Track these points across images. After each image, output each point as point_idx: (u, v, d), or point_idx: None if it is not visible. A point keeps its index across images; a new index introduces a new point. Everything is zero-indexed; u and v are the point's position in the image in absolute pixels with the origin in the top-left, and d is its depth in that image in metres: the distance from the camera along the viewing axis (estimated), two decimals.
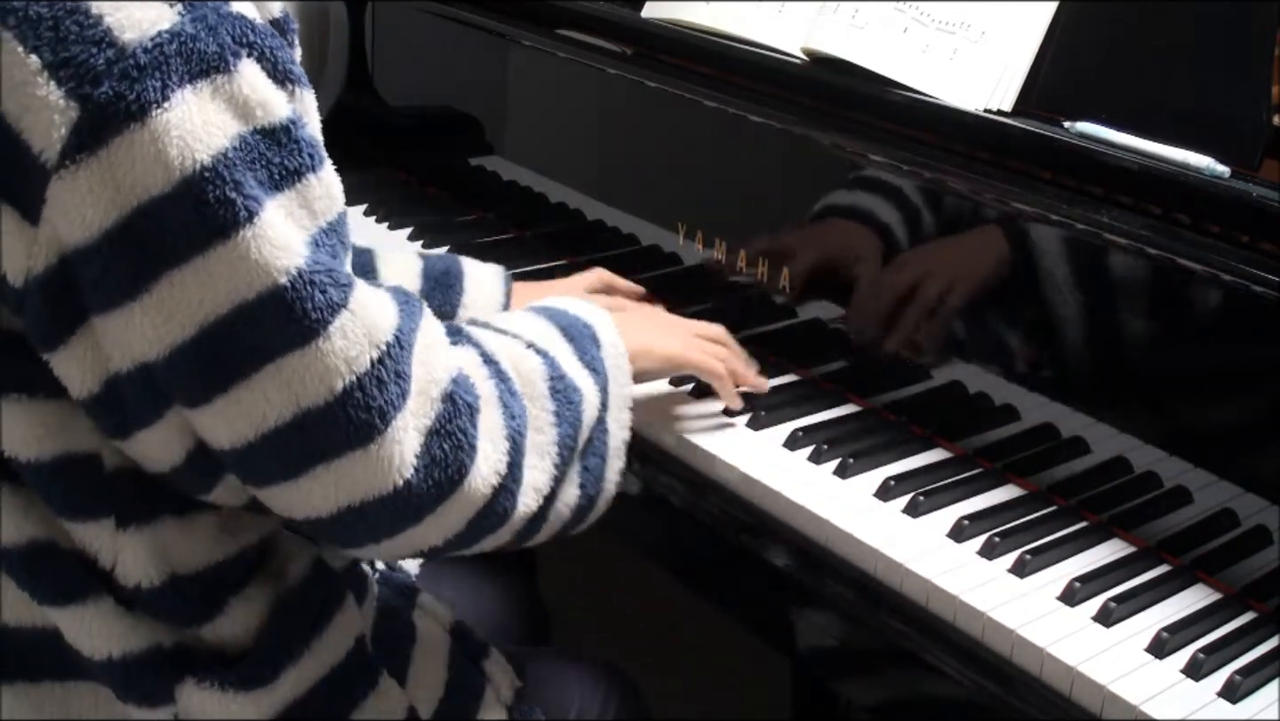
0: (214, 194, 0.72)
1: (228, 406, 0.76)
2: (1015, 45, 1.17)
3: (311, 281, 0.75)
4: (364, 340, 0.77)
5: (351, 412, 0.77)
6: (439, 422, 0.82)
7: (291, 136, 0.76)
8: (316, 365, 0.76)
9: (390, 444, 0.79)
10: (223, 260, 0.73)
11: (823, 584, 1.07)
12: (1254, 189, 1.00)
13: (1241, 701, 0.90)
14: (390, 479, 0.80)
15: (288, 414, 0.76)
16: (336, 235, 0.80)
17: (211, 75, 0.72)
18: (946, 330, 1.21)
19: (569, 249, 1.57)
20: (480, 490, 0.85)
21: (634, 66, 1.44)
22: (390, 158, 1.86)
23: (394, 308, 0.82)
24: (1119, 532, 1.07)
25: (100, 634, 0.83)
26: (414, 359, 0.81)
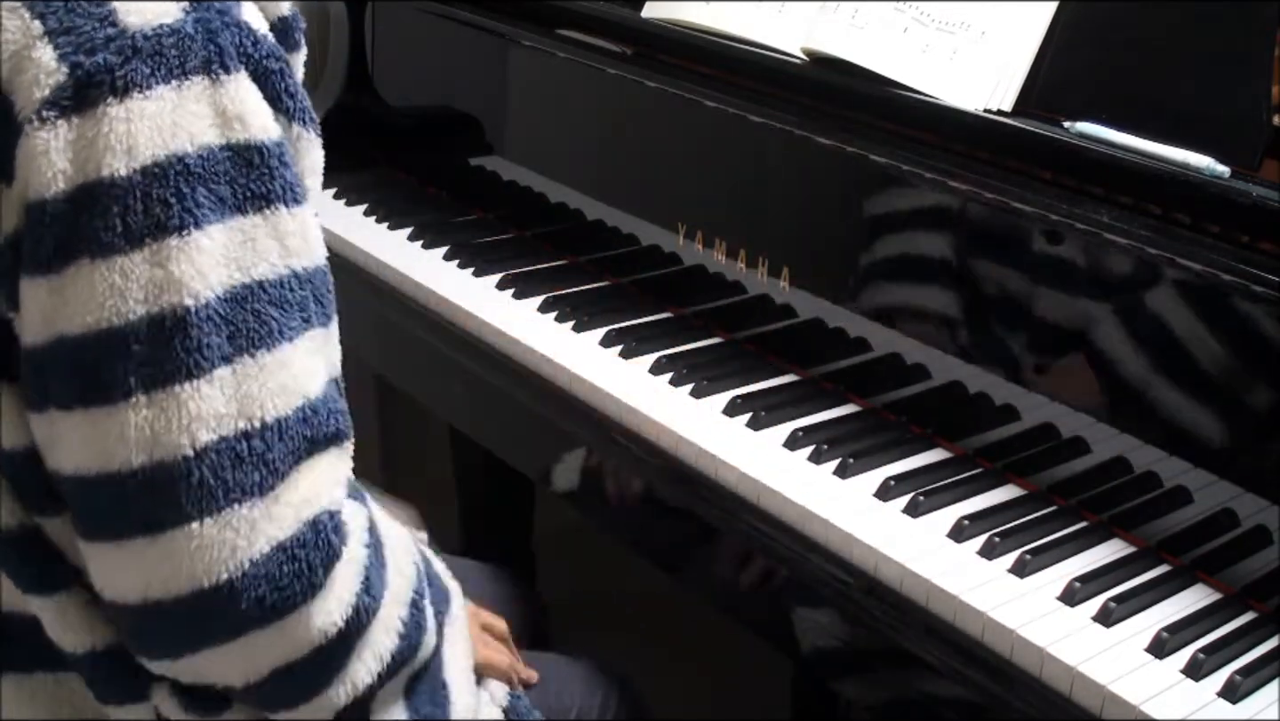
0: (159, 193, 0.71)
1: (83, 425, 0.73)
2: (1015, 45, 1.17)
3: (212, 319, 0.72)
4: (234, 404, 0.73)
5: (205, 473, 0.72)
6: (292, 542, 0.76)
7: (265, 160, 0.74)
8: (187, 407, 0.72)
9: (229, 527, 0.73)
10: (144, 263, 0.71)
11: (823, 584, 1.07)
12: (1254, 189, 1.00)
13: (1241, 701, 0.90)
14: (215, 570, 0.74)
15: (137, 460, 0.72)
16: (312, 287, 0.77)
17: (199, 77, 0.72)
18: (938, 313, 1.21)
19: (569, 249, 1.57)
20: (299, 637, 0.78)
21: (634, 66, 1.44)
22: (390, 158, 1.86)
23: (291, 400, 0.76)
24: (1119, 532, 1.07)
25: (80, 625, 0.82)
26: (296, 466, 0.76)
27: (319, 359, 0.78)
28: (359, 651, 0.82)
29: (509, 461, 1.54)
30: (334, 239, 1.63)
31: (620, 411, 1.25)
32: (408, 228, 1.64)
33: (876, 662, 1.07)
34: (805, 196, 1.32)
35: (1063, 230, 1.09)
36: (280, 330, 0.75)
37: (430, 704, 0.92)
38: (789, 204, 1.34)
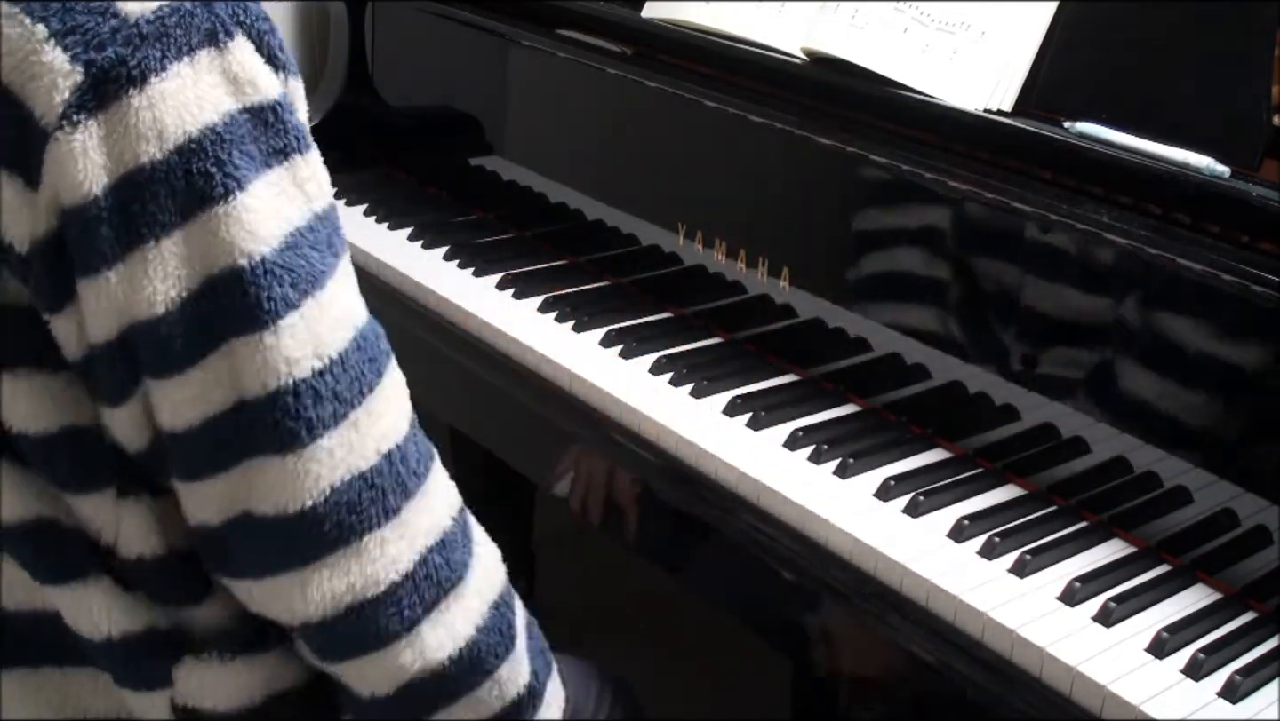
0: (198, 166, 0.73)
1: (180, 387, 0.76)
2: (1015, 45, 1.17)
3: (271, 272, 0.75)
4: (307, 345, 0.77)
5: (279, 416, 0.77)
6: (370, 474, 0.80)
7: (279, 116, 0.77)
8: (257, 357, 0.76)
9: (309, 461, 0.78)
10: (198, 234, 0.74)
11: (823, 584, 1.07)
12: (1254, 189, 1.00)
13: (1241, 701, 0.90)
14: (300, 496, 0.78)
15: (229, 401, 0.76)
16: (329, 225, 0.80)
17: (207, 49, 0.74)
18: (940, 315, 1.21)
19: (569, 249, 1.57)
20: (372, 565, 0.81)
21: (634, 66, 1.44)
22: (390, 158, 1.86)
23: (349, 331, 0.80)
24: (1119, 532, 1.07)
25: (100, 613, 0.83)
26: (369, 392, 0.80)
27: (349, 286, 0.82)
28: (432, 616, 0.84)
29: (509, 461, 1.54)
30: None
31: (620, 411, 1.25)
32: (408, 228, 1.64)
33: (876, 663, 1.07)
34: (805, 196, 1.32)
35: (1063, 230, 1.09)
36: (323, 269, 0.78)
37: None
38: (789, 204, 1.35)
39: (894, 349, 1.25)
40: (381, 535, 0.81)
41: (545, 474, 1.36)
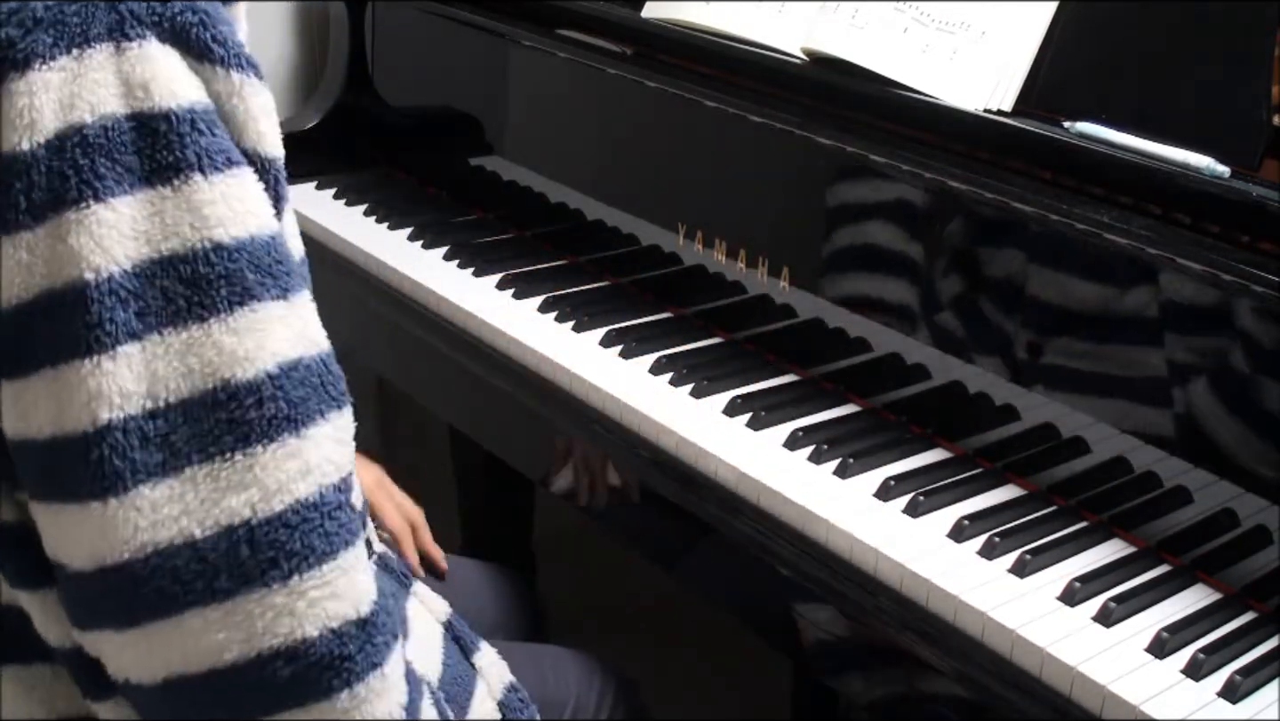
0: (57, 166, 0.69)
1: (10, 394, 0.72)
2: (1015, 45, 1.17)
3: (115, 292, 0.69)
4: (141, 383, 0.70)
5: (105, 453, 0.70)
6: (206, 544, 0.71)
7: (174, 128, 0.70)
8: (89, 383, 0.69)
9: (129, 509, 0.70)
10: (45, 237, 0.69)
11: (823, 584, 1.07)
12: (1254, 189, 1.00)
13: (1241, 701, 0.90)
14: (117, 549, 0.71)
15: (47, 430, 0.71)
16: (247, 258, 0.72)
17: (101, 44, 0.69)
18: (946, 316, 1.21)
19: (569, 249, 1.57)
20: (200, 637, 0.72)
21: (634, 66, 1.44)
22: (390, 158, 1.86)
23: (206, 385, 0.71)
24: (1119, 532, 1.07)
25: (61, 620, 0.81)
26: (214, 455, 0.71)
27: (263, 336, 0.72)
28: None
29: (509, 461, 1.54)
30: (334, 239, 1.63)
31: (620, 411, 1.25)
32: (408, 228, 1.64)
33: (876, 662, 1.07)
34: (805, 196, 1.32)
35: (1063, 230, 1.09)
36: (190, 308, 0.71)
37: None
38: (789, 204, 1.35)
39: (894, 349, 1.25)
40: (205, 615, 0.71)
41: (545, 473, 1.36)
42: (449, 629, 1.07)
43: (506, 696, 1.05)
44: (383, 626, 0.75)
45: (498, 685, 1.05)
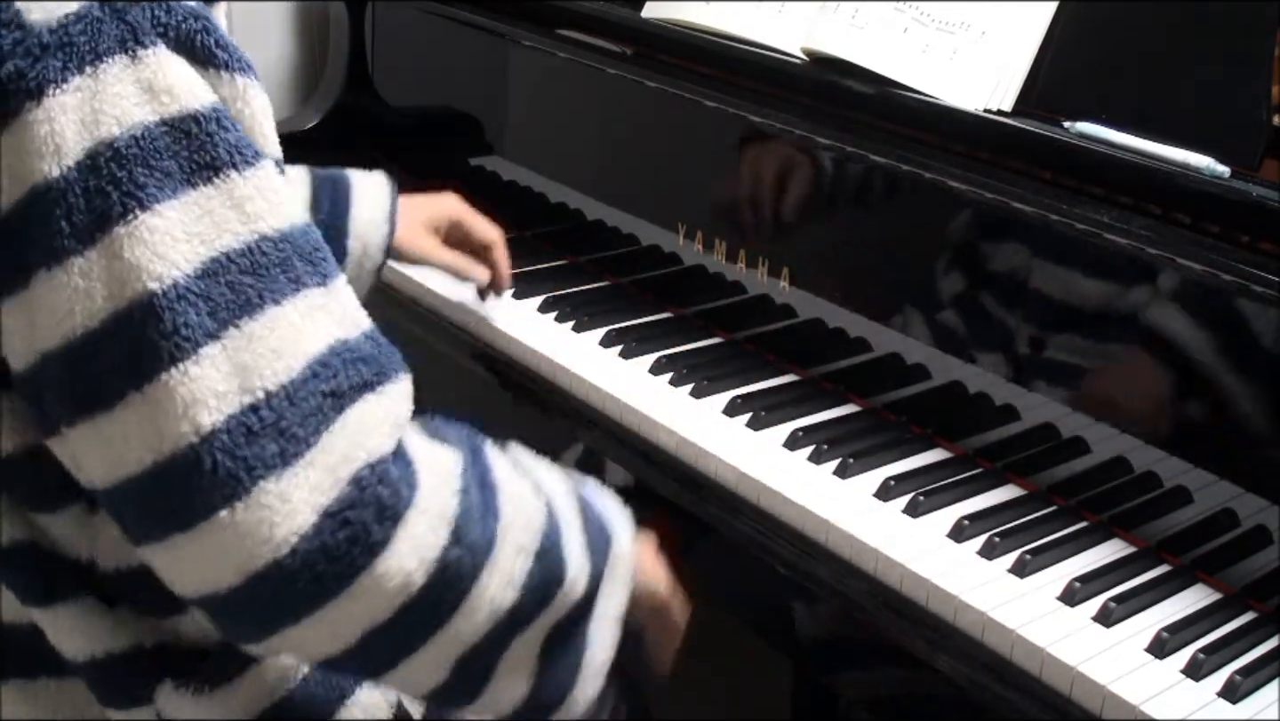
0: (95, 184, 0.68)
1: (91, 436, 0.71)
2: (1015, 45, 1.17)
3: (185, 297, 0.69)
4: (234, 379, 0.70)
5: (217, 456, 0.69)
6: (338, 505, 0.71)
7: (203, 129, 0.71)
8: (182, 391, 0.69)
9: (260, 507, 0.70)
10: (99, 258, 0.69)
11: (823, 584, 1.07)
12: (1254, 189, 1.00)
13: (1241, 701, 0.90)
14: (260, 553, 0.70)
15: (148, 458, 0.70)
16: (291, 247, 0.73)
17: (114, 58, 0.69)
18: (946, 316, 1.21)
19: (569, 249, 1.57)
20: (376, 600, 0.74)
21: (634, 66, 1.44)
22: (390, 158, 1.86)
23: (298, 360, 0.72)
24: (1119, 532, 1.07)
25: (82, 634, 0.82)
26: (324, 428, 0.72)
27: (320, 316, 0.74)
28: (463, 605, 0.78)
29: None
30: None
31: (620, 411, 1.25)
32: None
33: (876, 662, 1.07)
34: (805, 196, 1.32)
35: (1063, 230, 1.09)
36: (261, 296, 0.71)
37: (562, 657, 0.87)
38: (789, 204, 1.34)
39: (894, 349, 1.25)
40: (371, 572, 0.73)
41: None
42: None
43: None
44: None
45: None
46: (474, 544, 0.78)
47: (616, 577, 0.92)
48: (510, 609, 0.81)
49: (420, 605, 0.76)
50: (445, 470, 0.78)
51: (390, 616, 0.75)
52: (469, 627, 0.79)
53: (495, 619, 0.80)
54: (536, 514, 0.84)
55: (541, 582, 0.83)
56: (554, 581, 0.84)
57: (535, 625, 0.84)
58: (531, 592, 0.82)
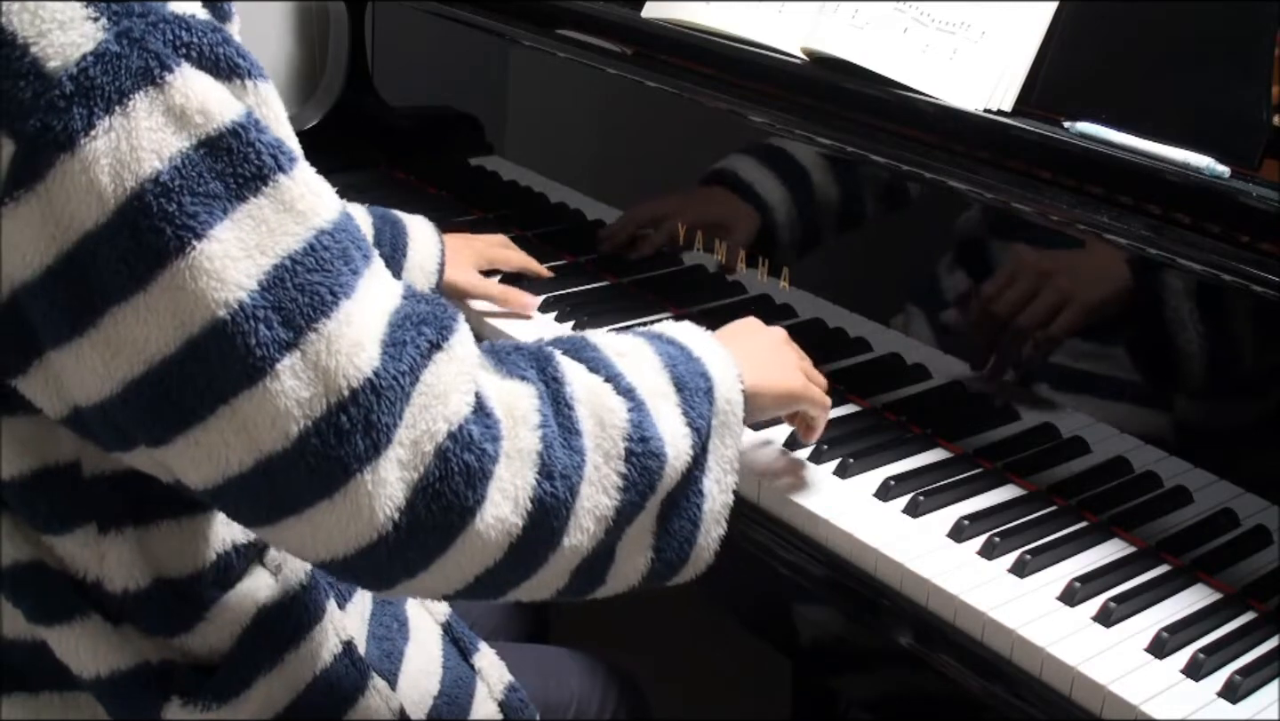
0: (145, 224, 0.68)
1: (189, 448, 0.72)
2: (1015, 45, 1.17)
3: (254, 315, 0.70)
4: (318, 383, 0.71)
5: (311, 460, 0.72)
6: (426, 480, 0.75)
7: (243, 140, 0.71)
8: (267, 407, 0.70)
9: (359, 495, 0.73)
10: (162, 293, 0.69)
11: (823, 584, 1.07)
12: (1254, 189, 1.00)
13: (1241, 701, 0.90)
14: (367, 531, 0.74)
15: (249, 459, 0.72)
16: (341, 238, 0.74)
17: (141, 92, 0.68)
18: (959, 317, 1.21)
19: (569, 249, 1.57)
20: (482, 549, 0.78)
21: (634, 66, 1.44)
22: (390, 158, 1.86)
23: (373, 347, 0.73)
24: (1119, 532, 1.07)
25: (88, 652, 0.82)
26: (406, 404, 0.74)
27: (376, 293, 0.76)
28: (568, 526, 0.82)
29: None
30: None
31: None
32: None
33: (876, 662, 1.07)
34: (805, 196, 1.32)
35: (1063, 230, 1.09)
36: (333, 291, 0.72)
37: (678, 519, 0.91)
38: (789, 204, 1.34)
39: (894, 349, 1.25)
40: (471, 530, 0.77)
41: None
42: (448, 630, 1.07)
43: (507, 697, 1.05)
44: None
45: (498, 686, 1.05)
46: (564, 470, 0.81)
47: (726, 425, 0.95)
48: (616, 509, 0.85)
49: (526, 541, 0.80)
50: (523, 407, 0.81)
51: (500, 557, 0.79)
52: (579, 541, 0.83)
53: (604, 524, 0.84)
54: (619, 413, 0.85)
55: (641, 475, 0.86)
56: (654, 469, 0.87)
57: (646, 508, 0.88)
58: (633, 488, 0.85)
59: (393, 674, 0.98)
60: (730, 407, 0.95)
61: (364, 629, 0.99)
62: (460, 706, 1.02)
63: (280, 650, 0.88)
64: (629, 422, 0.85)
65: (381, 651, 0.99)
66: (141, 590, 0.83)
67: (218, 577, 0.87)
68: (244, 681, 0.87)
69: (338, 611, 0.94)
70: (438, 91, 1.80)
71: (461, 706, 1.02)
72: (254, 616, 0.88)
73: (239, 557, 0.88)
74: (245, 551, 0.88)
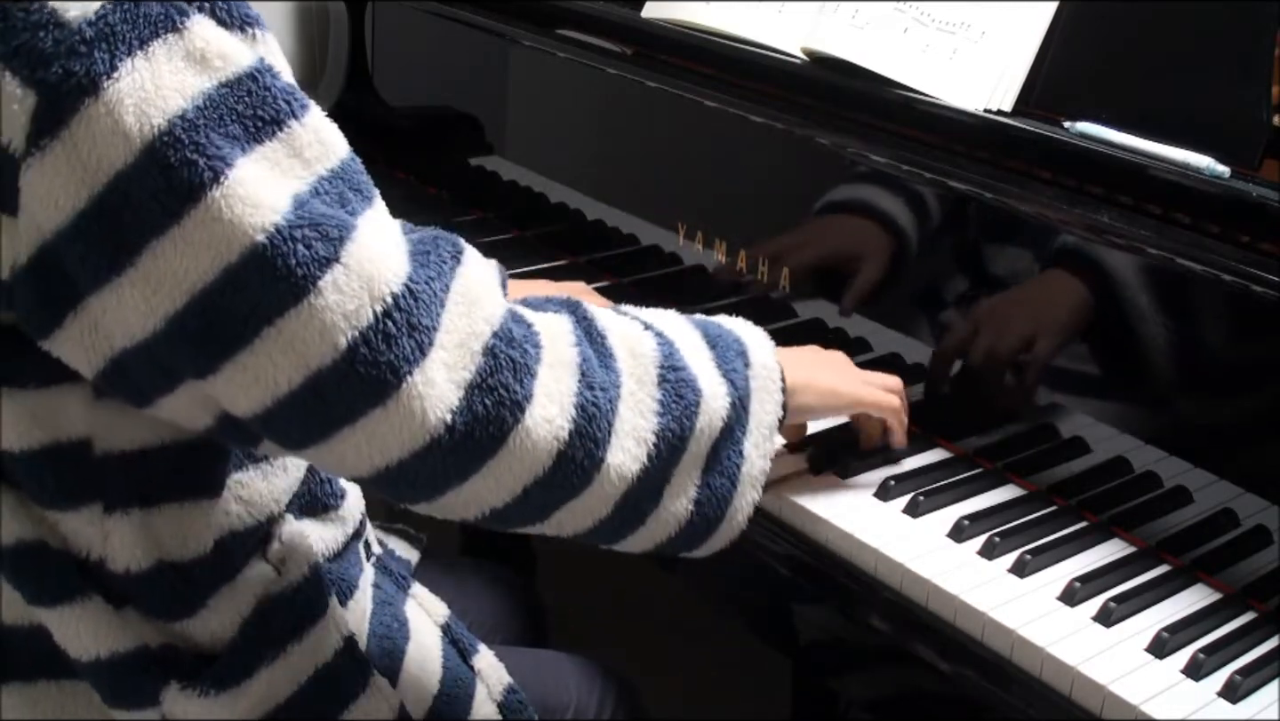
0: (176, 158, 0.70)
1: (236, 374, 0.74)
2: (1015, 45, 1.17)
3: (292, 236, 0.72)
4: (362, 293, 0.74)
5: (362, 369, 0.74)
6: (479, 376, 0.78)
7: (260, 84, 0.74)
8: (314, 323, 0.73)
9: (411, 399, 0.76)
10: (198, 224, 0.71)
11: (822, 584, 1.06)
12: (1254, 189, 1.00)
13: (1241, 701, 0.90)
14: (420, 434, 0.77)
15: (299, 377, 0.74)
16: (343, 182, 0.77)
17: (161, 36, 0.71)
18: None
19: (569, 249, 1.57)
20: (532, 451, 0.81)
21: (634, 66, 1.44)
22: (390, 158, 1.86)
23: (402, 257, 0.78)
24: (1119, 532, 1.07)
25: (89, 634, 0.83)
26: (442, 309, 0.78)
27: (384, 221, 0.80)
28: (610, 443, 0.85)
29: None
30: None
31: None
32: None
33: (876, 662, 1.07)
34: (805, 197, 1.32)
35: (1062, 230, 1.09)
36: (351, 215, 0.76)
37: (721, 474, 0.94)
38: (789, 204, 1.34)
39: (894, 349, 1.25)
40: (522, 427, 0.80)
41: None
42: (447, 631, 1.07)
43: (506, 698, 1.05)
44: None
45: (497, 687, 1.05)
46: (602, 383, 0.85)
47: (765, 389, 0.98)
48: (655, 433, 0.87)
49: (572, 450, 0.83)
50: (557, 327, 0.86)
51: (550, 465, 0.83)
52: (621, 461, 0.86)
53: (645, 446, 0.87)
54: (649, 344, 0.90)
55: (676, 403, 0.89)
56: (689, 402, 0.90)
57: (689, 448, 0.90)
58: (669, 413, 0.88)
59: (393, 672, 0.99)
60: (767, 373, 0.98)
61: (365, 626, 0.99)
62: (460, 707, 1.02)
63: (283, 642, 0.88)
64: (659, 352, 0.90)
65: (382, 649, 0.99)
66: (144, 571, 0.83)
67: (219, 564, 0.87)
68: (245, 670, 0.87)
69: (339, 607, 0.94)
70: (438, 91, 1.80)
71: (461, 707, 1.02)
72: (256, 606, 0.88)
73: (240, 546, 0.88)
74: (247, 540, 0.89)
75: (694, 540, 0.95)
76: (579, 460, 0.84)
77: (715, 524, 0.95)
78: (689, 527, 0.93)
